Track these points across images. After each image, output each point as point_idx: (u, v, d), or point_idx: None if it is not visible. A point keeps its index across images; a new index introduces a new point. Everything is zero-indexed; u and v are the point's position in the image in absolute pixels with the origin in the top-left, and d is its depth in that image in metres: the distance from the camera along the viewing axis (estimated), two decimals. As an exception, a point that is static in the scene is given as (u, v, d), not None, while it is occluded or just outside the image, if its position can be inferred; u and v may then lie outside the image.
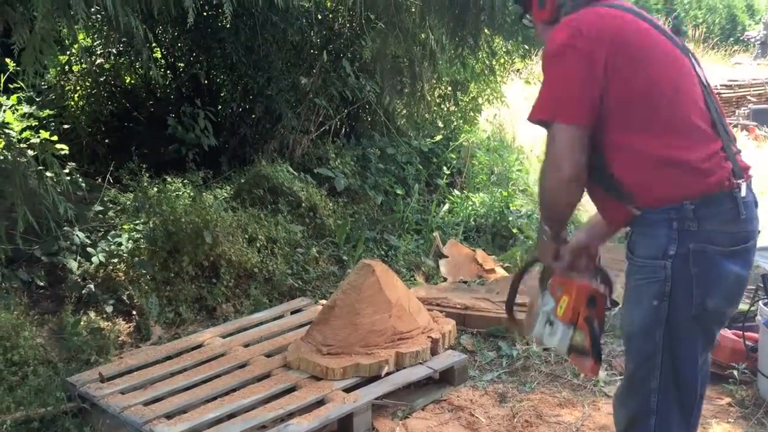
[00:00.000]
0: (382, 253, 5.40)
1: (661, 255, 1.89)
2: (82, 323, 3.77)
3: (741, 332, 3.54)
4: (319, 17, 6.57)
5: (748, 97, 12.96)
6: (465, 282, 4.96)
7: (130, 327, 4.00)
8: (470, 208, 6.37)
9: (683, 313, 1.91)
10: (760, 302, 3.63)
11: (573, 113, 1.89)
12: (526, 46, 7.18)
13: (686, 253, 1.87)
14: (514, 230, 5.96)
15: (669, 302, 1.90)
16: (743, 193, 1.91)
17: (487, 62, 6.71)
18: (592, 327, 2.05)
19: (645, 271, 1.93)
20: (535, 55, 11.58)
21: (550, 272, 2.24)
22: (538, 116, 1.96)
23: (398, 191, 6.28)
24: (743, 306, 3.75)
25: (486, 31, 5.35)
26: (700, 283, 1.88)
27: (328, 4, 6.68)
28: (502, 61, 7.73)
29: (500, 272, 5.16)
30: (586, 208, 2.63)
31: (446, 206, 6.40)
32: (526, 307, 2.39)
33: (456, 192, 6.74)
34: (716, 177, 1.87)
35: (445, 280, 5.10)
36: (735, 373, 3.52)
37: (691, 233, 1.86)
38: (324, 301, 4.05)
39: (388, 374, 3.33)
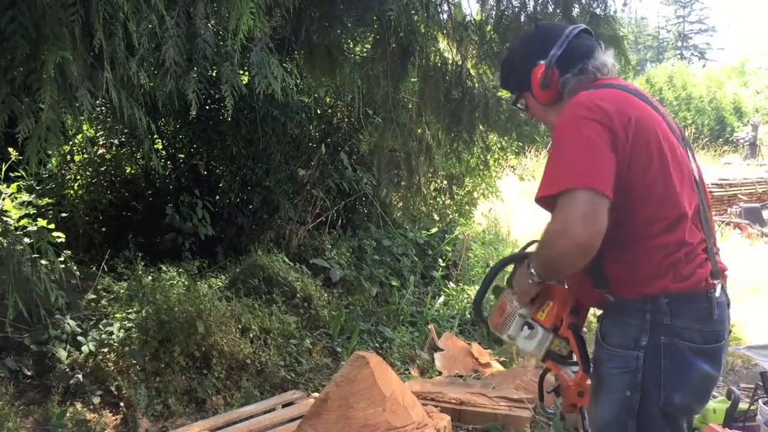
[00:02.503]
0: (377, 345, 5.34)
1: (633, 345, 1.87)
2: (68, 415, 3.68)
3: None
4: (318, 112, 6.77)
5: (739, 196, 13.18)
6: (460, 376, 4.87)
7: (116, 419, 3.90)
8: (466, 300, 6.34)
9: (651, 405, 1.87)
10: (760, 401, 3.57)
11: (599, 180, 1.76)
12: (520, 143, 7.35)
13: (657, 345, 1.85)
14: (492, 309, 5.90)
15: (641, 393, 1.86)
16: (717, 293, 1.90)
17: (482, 157, 6.86)
18: (578, 335, 2.00)
19: (617, 360, 1.90)
20: (529, 152, 11.90)
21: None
22: (556, 189, 1.79)
23: (394, 283, 6.26)
24: (743, 405, 3.69)
25: (481, 127, 5.49)
26: (668, 376, 1.85)
27: (327, 99, 6.88)
28: (496, 156, 7.90)
29: (496, 366, 5.09)
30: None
31: (441, 298, 6.37)
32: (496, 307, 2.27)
33: (451, 284, 6.73)
34: (696, 277, 1.86)
35: (440, 373, 5.02)
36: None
37: (663, 326, 1.85)
38: (316, 394, 3.97)
39: (381, 472, 3.22)
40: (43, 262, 3.93)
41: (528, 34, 2.24)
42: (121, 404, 3.96)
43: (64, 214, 5.66)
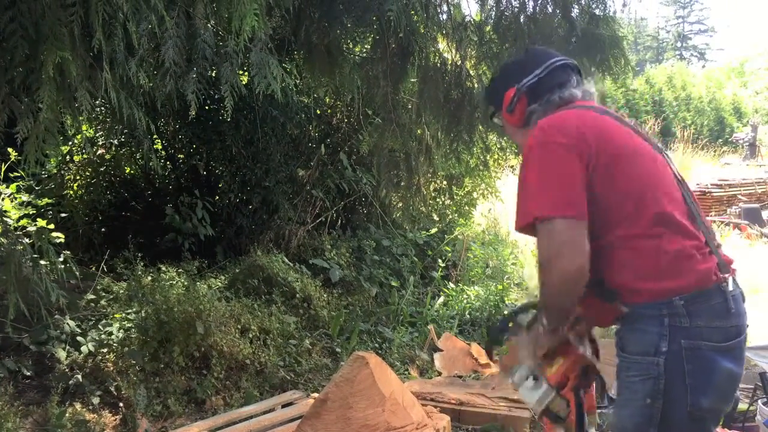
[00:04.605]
0: (376, 345, 5.34)
1: (653, 351, 1.85)
2: (67, 415, 3.67)
3: (742, 432, 3.46)
4: (318, 112, 6.76)
5: (739, 197, 13.19)
6: (460, 376, 4.87)
7: (116, 420, 3.89)
8: (465, 301, 6.34)
9: (678, 411, 1.85)
10: (759, 401, 3.57)
11: (572, 205, 1.83)
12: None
13: (678, 350, 1.83)
14: (510, 324, 5.90)
15: (663, 400, 1.85)
16: (731, 287, 1.89)
17: (481, 157, 6.85)
18: (579, 399, 1.99)
19: (637, 368, 1.89)
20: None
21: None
22: (530, 217, 1.86)
23: (393, 283, 6.27)
24: (742, 405, 3.69)
25: (480, 127, 5.48)
26: (694, 380, 1.83)
27: (327, 99, 6.88)
28: (496, 156, 7.90)
29: (496, 367, 5.08)
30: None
31: (441, 299, 6.37)
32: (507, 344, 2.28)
33: (451, 285, 6.73)
34: (703, 271, 1.86)
35: (439, 374, 5.01)
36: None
37: (682, 329, 1.83)
38: (316, 394, 3.97)
39: (380, 472, 3.22)
40: (43, 262, 3.93)
41: (517, 56, 2.41)
42: (121, 404, 3.96)
43: (63, 215, 5.67)
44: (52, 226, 4.46)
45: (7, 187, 4.83)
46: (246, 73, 4.97)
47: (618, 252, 1.89)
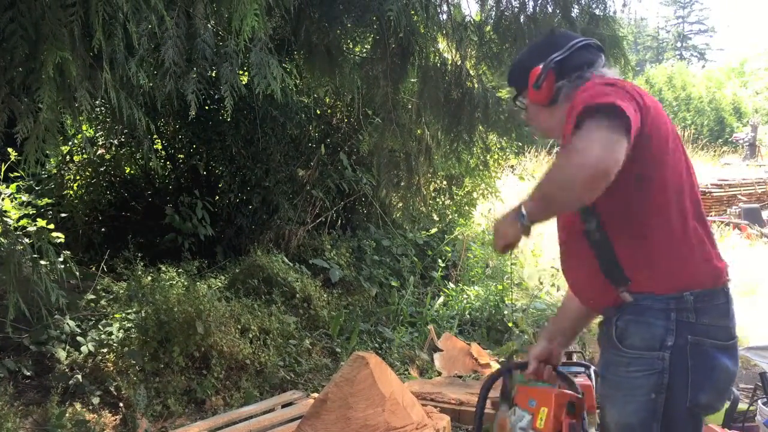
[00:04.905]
0: (376, 345, 5.34)
1: (659, 346, 1.83)
2: (67, 415, 3.67)
3: (742, 432, 3.46)
4: (318, 112, 6.76)
5: (739, 197, 13.19)
6: (460, 376, 4.87)
7: (116, 420, 3.89)
8: (465, 301, 6.34)
9: (679, 406, 1.85)
10: (759, 401, 3.57)
11: (630, 125, 1.69)
12: (520, 143, 7.35)
13: (684, 345, 1.83)
14: (510, 324, 5.91)
15: (666, 395, 1.84)
16: (730, 289, 1.91)
17: (481, 157, 6.86)
18: None
19: (640, 362, 1.86)
20: (529, 152, 11.90)
21: (512, 385, 2.17)
22: (605, 100, 1.71)
23: (393, 283, 6.27)
24: (742, 405, 3.69)
25: (480, 127, 5.49)
26: (695, 376, 1.83)
27: (327, 99, 6.88)
28: (496, 156, 7.90)
29: (496, 367, 5.08)
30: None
31: (441, 299, 6.37)
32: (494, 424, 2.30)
33: (451, 285, 6.73)
34: (717, 272, 1.87)
35: (439, 374, 5.01)
36: (737, 475, 3.42)
37: (689, 325, 1.83)
38: (316, 394, 3.97)
39: (380, 472, 3.22)
40: (43, 262, 3.93)
41: (541, 38, 2.30)
42: (121, 404, 3.96)
43: (63, 215, 5.67)
44: (52, 226, 4.46)
45: (7, 187, 4.83)
46: (246, 73, 4.97)
47: (640, 237, 1.86)
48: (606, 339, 1.95)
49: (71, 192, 6.11)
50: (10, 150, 4.77)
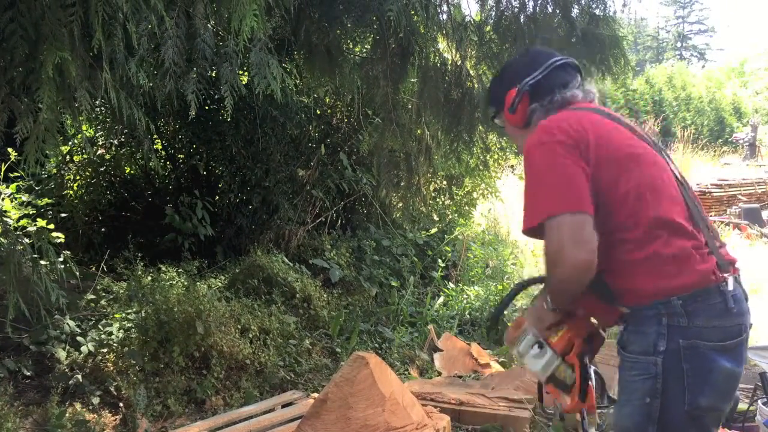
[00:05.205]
0: (376, 345, 5.34)
1: (652, 351, 1.86)
2: (67, 415, 3.67)
3: (741, 432, 3.46)
4: (318, 112, 6.76)
5: (739, 197, 13.19)
6: (460, 376, 4.87)
7: (116, 420, 3.89)
8: (465, 301, 6.34)
9: (676, 410, 1.86)
10: (759, 402, 3.57)
11: (579, 201, 1.83)
12: (520, 143, 7.35)
13: (677, 349, 1.84)
14: (510, 324, 5.90)
15: (661, 399, 1.86)
16: (731, 286, 1.89)
17: (481, 157, 6.86)
18: (584, 363, 2.00)
19: (637, 367, 1.90)
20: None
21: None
22: (538, 219, 1.86)
23: (393, 283, 6.27)
24: (742, 405, 3.69)
25: (480, 127, 5.48)
26: (691, 379, 1.84)
27: (327, 99, 6.88)
28: (496, 156, 7.90)
29: (496, 367, 5.09)
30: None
31: (441, 299, 6.37)
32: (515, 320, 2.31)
33: (451, 285, 6.73)
34: (702, 271, 1.87)
35: (439, 374, 5.01)
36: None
37: (681, 329, 1.84)
38: (316, 394, 3.97)
39: (380, 472, 3.22)
40: (43, 262, 3.93)
41: (518, 56, 2.39)
42: (121, 404, 3.96)
43: (63, 215, 5.67)
44: (52, 226, 4.46)
45: (7, 187, 4.83)
46: (246, 73, 4.97)
47: (618, 253, 1.90)
48: (618, 346, 2.01)
49: (71, 192, 6.11)
50: (10, 150, 4.77)
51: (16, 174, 5.08)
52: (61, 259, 4.27)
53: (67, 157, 6.19)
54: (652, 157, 2.00)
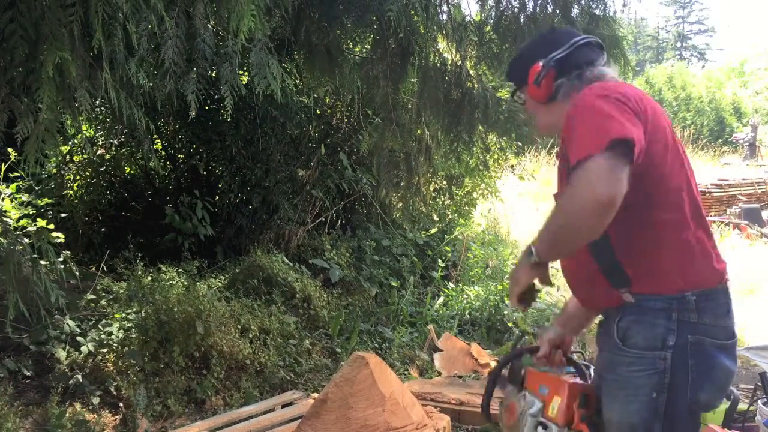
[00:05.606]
0: (376, 345, 5.34)
1: (660, 345, 1.84)
2: (67, 415, 3.67)
3: (741, 432, 3.46)
4: (318, 112, 6.76)
5: (739, 197, 13.19)
6: (460, 376, 4.87)
7: (116, 420, 3.89)
8: (465, 301, 6.34)
9: (680, 405, 1.86)
10: (759, 401, 3.57)
11: (630, 133, 1.69)
12: (520, 143, 7.34)
13: (684, 344, 1.84)
14: (510, 324, 5.91)
15: (668, 394, 1.85)
16: (730, 290, 1.93)
17: (481, 157, 6.86)
18: (592, 423, 1.97)
19: (642, 362, 1.87)
20: (529, 152, 11.91)
21: (521, 367, 2.16)
22: (586, 153, 1.68)
23: (393, 283, 6.26)
24: (742, 405, 3.69)
25: (480, 127, 5.48)
26: (695, 375, 1.85)
27: (327, 99, 6.88)
28: (496, 156, 7.89)
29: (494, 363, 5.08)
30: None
31: (441, 299, 6.37)
32: (502, 406, 2.29)
33: (451, 285, 6.73)
34: (719, 271, 1.89)
35: (439, 374, 5.01)
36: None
37: (689, 324, 1.84)
38: (316, 394, 3.97)
39: (380, 472, 3.22)
40: (43, 262, 3.93)
41: (541, 34, 2.33)
42: (121, 404, 3.96)
43: (63, 215, 5.67)
44: (52, 226, 4.46)
45: (7, 187, 4.83)
46: (246, 73, 4.97)
47: (651, 234, 1.85)
48: (606, 339, 1.96)
49: (71, 192, 6.11)
50: (10, 150, 4.77)
51: (16, 174, 5.08)
52: (60, 259, 4.27)
53: (67, 157, 6.19)
54: (684, 150, 1.97)
